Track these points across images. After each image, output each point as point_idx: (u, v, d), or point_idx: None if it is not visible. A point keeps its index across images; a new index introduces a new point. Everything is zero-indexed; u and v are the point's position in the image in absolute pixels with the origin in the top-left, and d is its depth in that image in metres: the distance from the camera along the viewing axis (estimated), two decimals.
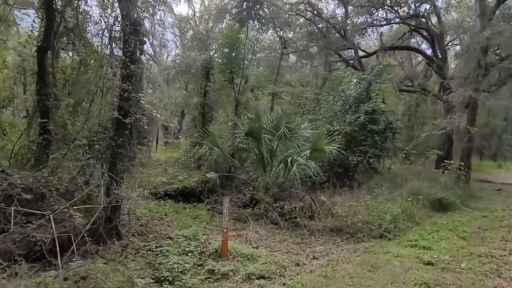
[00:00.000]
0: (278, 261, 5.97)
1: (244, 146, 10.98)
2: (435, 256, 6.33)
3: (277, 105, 25.95)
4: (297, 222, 8.37)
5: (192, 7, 36.68)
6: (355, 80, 14.77)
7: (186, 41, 26.95)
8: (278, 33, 26.92)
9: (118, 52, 7.36)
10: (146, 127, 7.22)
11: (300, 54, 30.22)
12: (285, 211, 8.44)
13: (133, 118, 6.89)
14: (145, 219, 7.79)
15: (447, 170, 13.14)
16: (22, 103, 10.81)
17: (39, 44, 8.18)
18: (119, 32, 7.20)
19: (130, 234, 7.03)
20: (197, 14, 29.15)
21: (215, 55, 14.29)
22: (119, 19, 7.17)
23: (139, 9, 7.33)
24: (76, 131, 6.58)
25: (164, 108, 23.77)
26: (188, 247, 6.17)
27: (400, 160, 17.12)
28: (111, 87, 6.95)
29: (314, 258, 6.40)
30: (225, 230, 6.00)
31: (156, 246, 6.24)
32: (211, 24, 26.89)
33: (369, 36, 25.75)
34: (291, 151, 10.35)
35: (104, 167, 6.76)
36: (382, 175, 13.29)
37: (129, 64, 6.90)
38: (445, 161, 14.12)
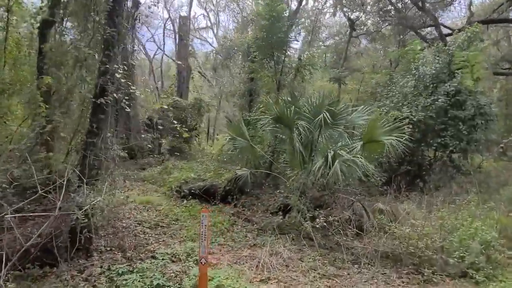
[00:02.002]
0: None
1: (276, 136, 8.86)
2: None
3: (344, 94, 23.16)
4: (337, 240, 6.07)
5: None
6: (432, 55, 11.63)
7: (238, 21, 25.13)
8: (347, 14, 24.05)
9: None
10: (127, 109, 5.51)
11: (371, 36, 26.98)
12: (319, 224, 6.18)
13: (110, 99, 5.26)
14: (134, 229, 6.20)
15: None
16: None
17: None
18: None
19: (108, 249, 5.45)
20: None
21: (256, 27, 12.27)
22: None
23: None
24: (43, 116, 5.13)
25: (215, 97, 22.60)
26: (159, 279, 4.32)
27: (495, 156, 13.35)
28: (87, 57, 5.38)
29: None
30: (202, 262, 4.02)
31: (121, 273, 4.51)
32: None
33: (454, 9, 21.49)
34: (340, 143, 7.99)
35: (71, 162, 5.24)
36: (469, 175, 10.06)
37: (106, 27, 5.28)
38: None
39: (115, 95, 5.25)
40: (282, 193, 7.90)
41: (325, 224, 6.24)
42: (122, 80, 5.06)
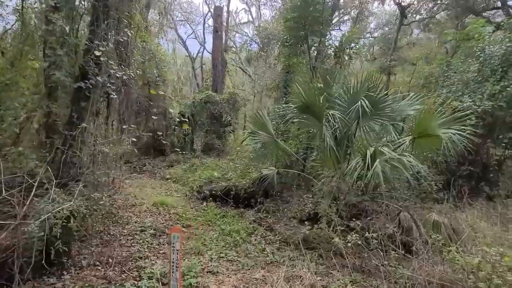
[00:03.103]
0: None
1: (309, 131, 7.54)
2: None
3: (393, 86, 21.10)
4: (377, 263, 4.70)
5: None
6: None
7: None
8: (397, 0, 21.91)
9: None
10: (113, 95, 4.56)
11: (424, 23, 24.58)
12: (352, 242, 4.84)
13: (92, 83, 4.34)
14: (132, 238, 5.27)
15: None
16: None
17: None
18: None
19: (92, 264, 4.55)
20: None
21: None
22: None
23: None
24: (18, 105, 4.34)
25: (254, 92, 21.51)
26: None
27: None
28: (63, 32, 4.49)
29: None
30: None
31: None
32: None
33: None
34: (384, 138, 6.56)
35: (47, 159, 4.38)
36: None
37: None
38: None
39: (99, 78, 4.32)
40: (311, 198, 6.65)
41: (360, 242, 4.89)
42: (102, 59, 4.12)
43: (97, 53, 4.12)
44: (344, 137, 6.40)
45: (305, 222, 6.26)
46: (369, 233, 4.88)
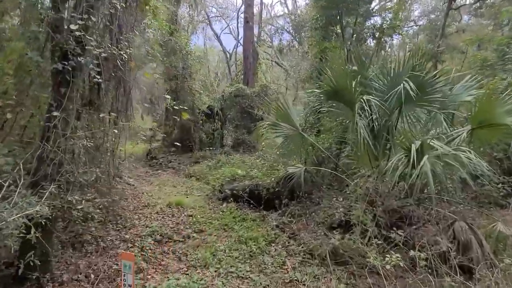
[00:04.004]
0: None
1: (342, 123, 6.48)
2: None
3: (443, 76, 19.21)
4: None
5: None
6: None
7: None
8: None
9: None
10: (98, 78, 3.85)
11: (474, 9, 22.31)
12: (392, 262, 3.81)
13: (73, 65, 3.66)
14: (132, 245, 4.58)
15: None
16: None
17: None
18: None
19: (75, 278, 3.90)
20: None
21: None
22: None
23: None
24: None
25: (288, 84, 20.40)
26: None
27: None
28: None
29: None
30: None
31: None
32: None
33: None
34: (434, 130, 5.39)
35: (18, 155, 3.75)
36: None
37: None
38: None
39: (81, 59, 3.62)
40: (344, 202, 5.64)
41: (402, 263, 3.85)
42: (78, 33, 3.41)
43: (73, 26, 3.44)
44: (383, 129, 5.33)
45: (335, 230, 5.29)
46: (414, 250, 3.85)
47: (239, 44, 29.57)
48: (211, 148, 13.36)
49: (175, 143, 14.16)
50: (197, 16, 22.97)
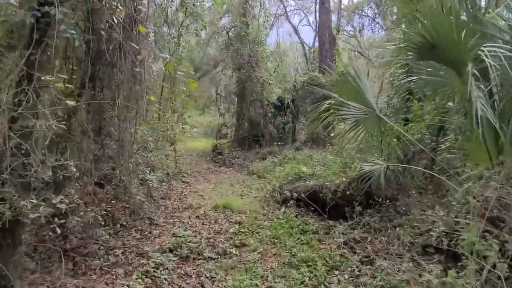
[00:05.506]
0: None
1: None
2: None
3: None
4: None
5: None
6: None
7: None
8: None
9: None
10: (74, 37, 2.79)
11: None
12: None
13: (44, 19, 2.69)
14: (146, 262, 3.50)
15: None
16: None
17: None
18: None
19: None
20: None
21: None
22: None
23: None
24: None
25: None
26: None
27: None
28: None
29: None
30: None
31: None
32: None
33: None
34: None
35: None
36: None
37: None
38: None
39: (51, 8, 2.61)
40: (442, 215, 3.85)
41: None
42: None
43: None
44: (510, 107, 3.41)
45: (432, 257, 3.57)
46: None
47: (315, 32, 27.76)
48: (280, 143, 12.07)
49: (247, 136, 13.27)
50: (274, 9, 21.77)
